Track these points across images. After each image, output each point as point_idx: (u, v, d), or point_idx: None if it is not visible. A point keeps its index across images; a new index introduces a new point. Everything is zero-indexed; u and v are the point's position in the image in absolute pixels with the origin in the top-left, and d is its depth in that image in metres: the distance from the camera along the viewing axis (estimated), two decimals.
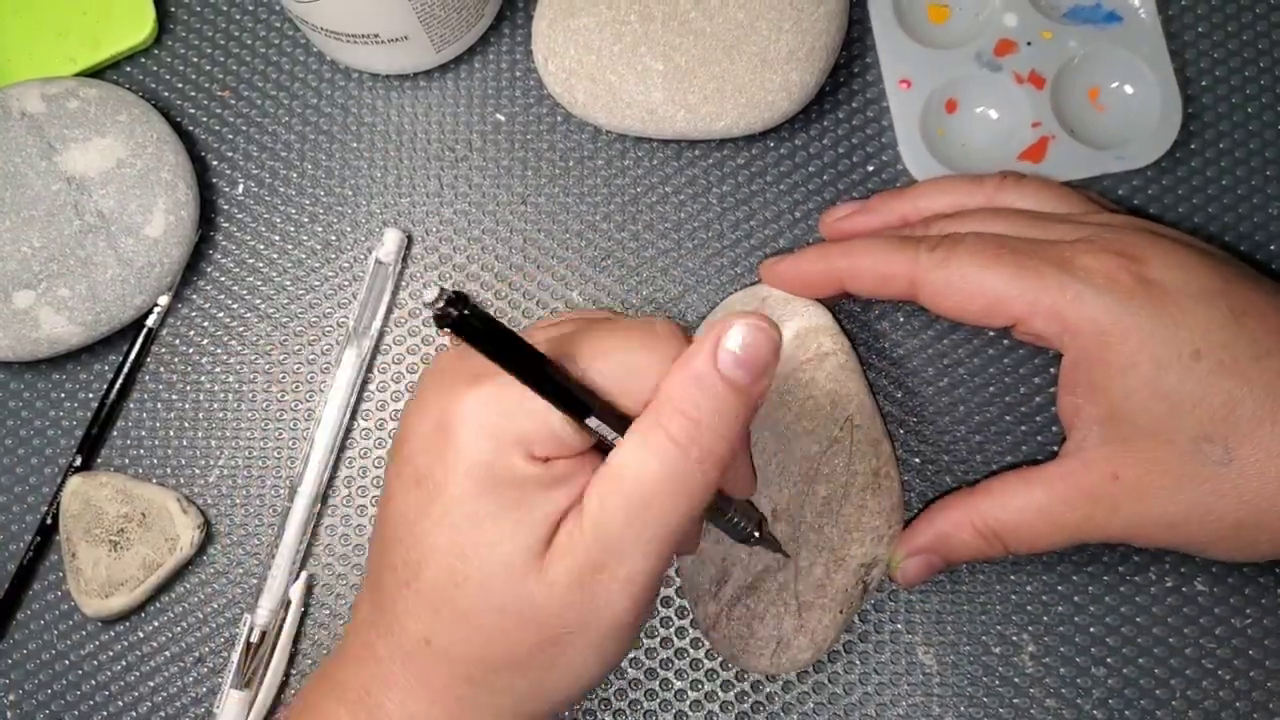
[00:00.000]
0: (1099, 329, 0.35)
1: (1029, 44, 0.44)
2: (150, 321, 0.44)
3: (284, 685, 0.42)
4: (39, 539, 0.43)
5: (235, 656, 0.42)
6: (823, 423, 0.39)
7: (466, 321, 0.26)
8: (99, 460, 0.44)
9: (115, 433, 0.44)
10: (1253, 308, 0.35)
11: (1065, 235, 0.37)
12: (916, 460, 0.43)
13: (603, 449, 0.29)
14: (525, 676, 0.29)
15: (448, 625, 0.29)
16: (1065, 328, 0.35)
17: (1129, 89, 0.44)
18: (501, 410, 0.28)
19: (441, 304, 0.25)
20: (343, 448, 0.44)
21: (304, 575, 0.43)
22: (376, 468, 0.44)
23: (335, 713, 0.30)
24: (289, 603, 0.42)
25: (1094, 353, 0.35)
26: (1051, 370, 0.43)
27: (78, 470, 0.43)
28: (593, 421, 0.28)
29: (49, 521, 0.43)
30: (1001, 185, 0.41)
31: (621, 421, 0.28)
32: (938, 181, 0.42)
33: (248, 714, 0.41)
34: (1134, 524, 0.36)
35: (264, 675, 0.42)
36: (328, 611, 0.43)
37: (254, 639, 0.42)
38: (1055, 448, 0.42)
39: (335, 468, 0.44)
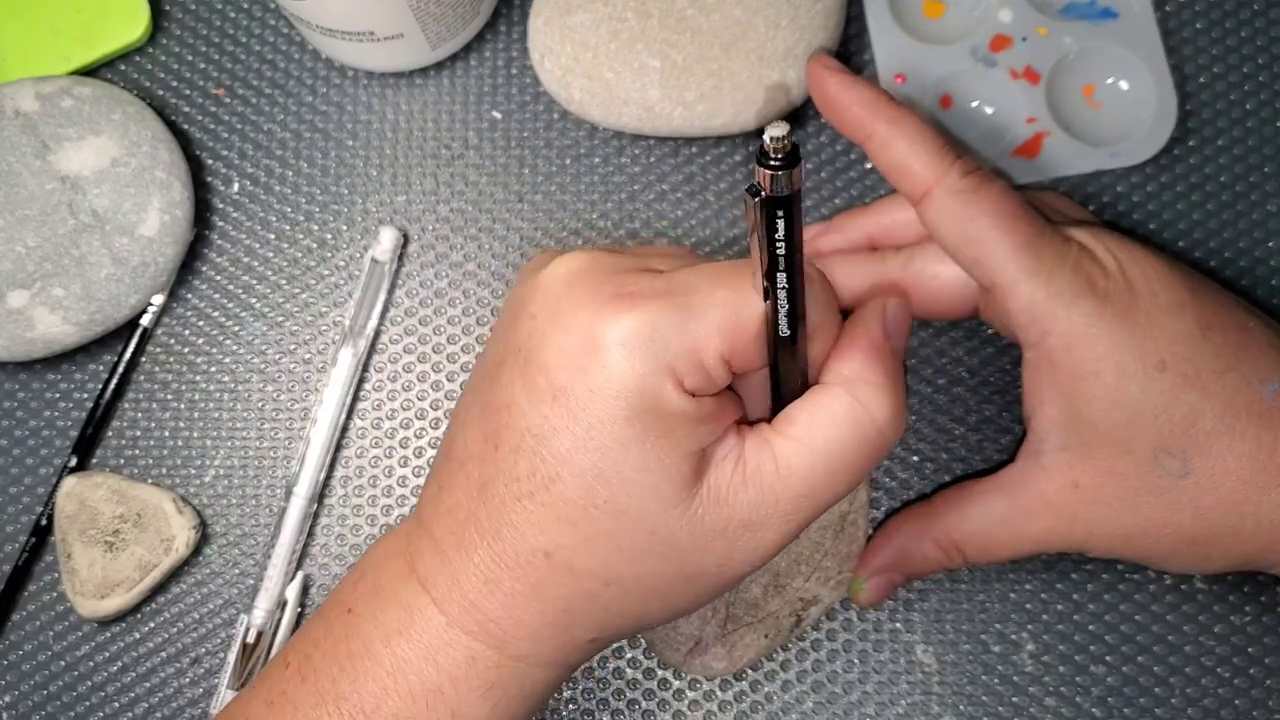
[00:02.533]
0: (1070, 333, 0.35)
1: (1024, 40, 0.44)
2: (145, 321, 0.44)
3: None
4: (33, 540, 0.43)
5: (231, 657, 0.41)
6: None
7: (783, 203, 0.26)
8: (94, 460, 0.44)
9: (110, 433, 0.44)
10: (1217, 321, 0.35)
11: (1065, 229, 0.37)
12: (915, 459, 0.42)
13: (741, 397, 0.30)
14: (638, 600, 0.30)
15: (583, 541, 0.29)
16: (1037, 320, 0.35)
17: (1124, 85, 0.44)
18: (656, 336, 0.28)
19: (778, 160, 0.26)
20: (339, 447, 0.44)
21: (300, 575, 0.43)
22: (373, 467, 0.44)
23: (419, 602, 0.30)
24: (285, 603, 0.42)
25: (1059, 353, 0.35)
26: None
27: (73, 471, 0.43)
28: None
29: (44, 523, 0.43)
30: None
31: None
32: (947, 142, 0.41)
33: None
34: (1093, 534, 0.36)
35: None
36: (312, 603, 0.43)
37: (250, 639, 0.41)
38: None
39: (331, 467, 0.44)
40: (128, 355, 0.44)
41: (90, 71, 0.46)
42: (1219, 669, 0.41)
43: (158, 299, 0.44)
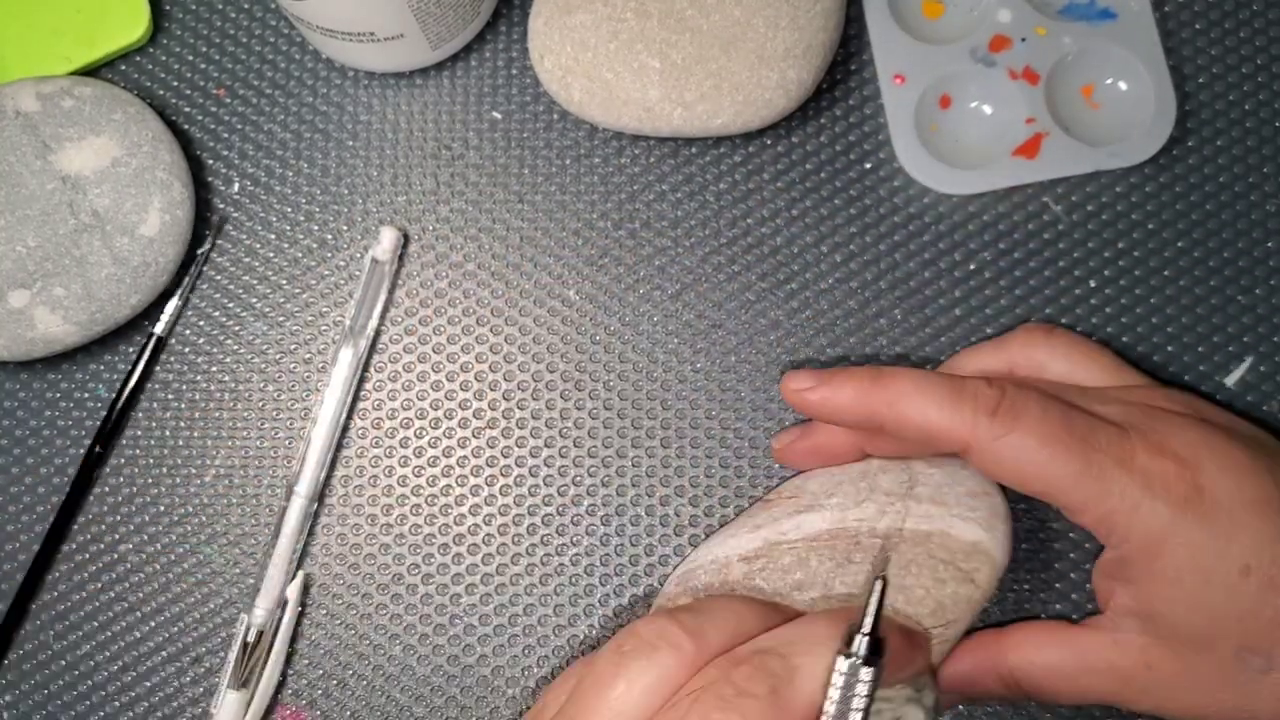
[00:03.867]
0: (1150, 537, 0.34)
1: (1023, 40, 0.44)
2: (159, 330, 0.44)
3: (281, 685, 0.42)
4: (51, 530, 0.43)
5: (232, 656, 0.41)
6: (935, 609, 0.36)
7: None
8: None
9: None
10: None
11: (1112, 415, 0.36)
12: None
13: None
14: None
15: None
16: (1114, 530, 0.34)
17: (1123, 86, 0.44)
18: None
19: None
20: (339, 447, 0.44)
21: (301, 575, 0.43)
22: (374, 467, 0.44)
23: None
24: (285, 602, 0.42)
25: (1141, 559, 0.34)
26: None
27: (95, 466, 0.43)
28: None
29: (47, 523, 0.43)
30: (1029, 341, 0.39)
31: None
32: (956, 358, 0.40)
33: (245, 714, 0.41)
34: (1164, 708, 0.35)
35: (261, 675, 0.41)
36: (324, 611, 0.43)
37: (250, 639, 0.41)
38: None
39: (332, 467, 0.44)
40: (142, 364, 0.44)
41: (91, 72, 0.46)
42: None
43: (171, 304, 0.44)
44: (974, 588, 0.36)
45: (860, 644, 0.30)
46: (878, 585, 0.32)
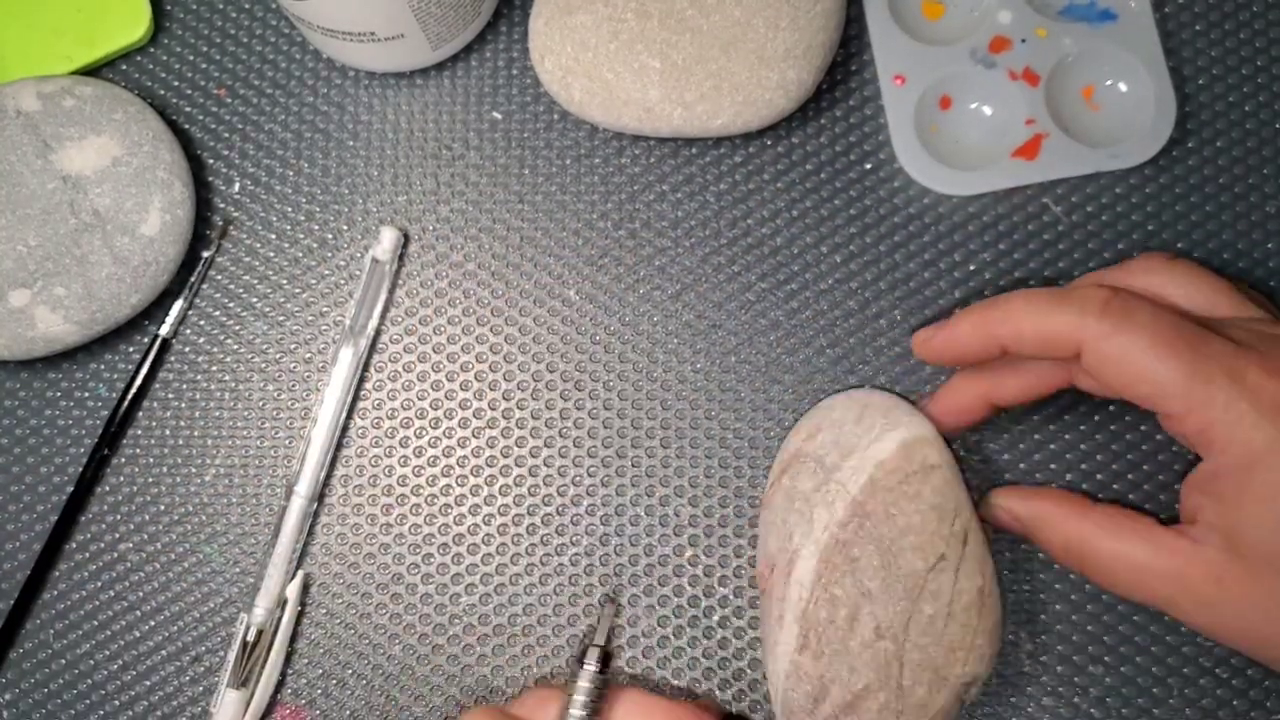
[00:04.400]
0: (1250, 453, 0.34)
1: (1023, 41, 0.44)
2: (164, 331, 0.44)
3: (280, 684, 0.42)
4: (47, 542, 0.43)
5: (231, 656, 0.41)
6: (929, 538, 0.37)
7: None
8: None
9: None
10: None
11: (1229, 333, 0.36)
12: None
13: None
14: None
15: None
16: (1214, 441, 0.34)
17: (1123, 87, 0.44)
18: None
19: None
20: (339, 446, 0.44)
21: (300, 574, 0.43)
22: (374, 467, 0.44)
23: None
24: (285, 602, 0.42)
25: (1236, 473, 0.34)
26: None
27: (103, 463, 0.43)
28: None
29: (50, 523, 0.43)
30: (1150, 268, 0.39)
31: None
32: (1076, 282, 0.39)
33: (244, 713, 0.41)
34: (1221, 625, 0.35)
35: (260, 674, 0.42)
36: (324, 610, 0.43)
37: (250, 638, 0.41)
38: None
39: (331, 466, 0.44)
40: (147, 365, 0.44)
41: (92, 71, 0.46)
42: (1217, 669, 0.41)
43: (176, 306, 0.44)
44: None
45: (592, 655, 0.39)
46: (610, 607, 0.41)
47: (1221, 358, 0.34)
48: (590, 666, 0.38)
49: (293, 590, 0.42)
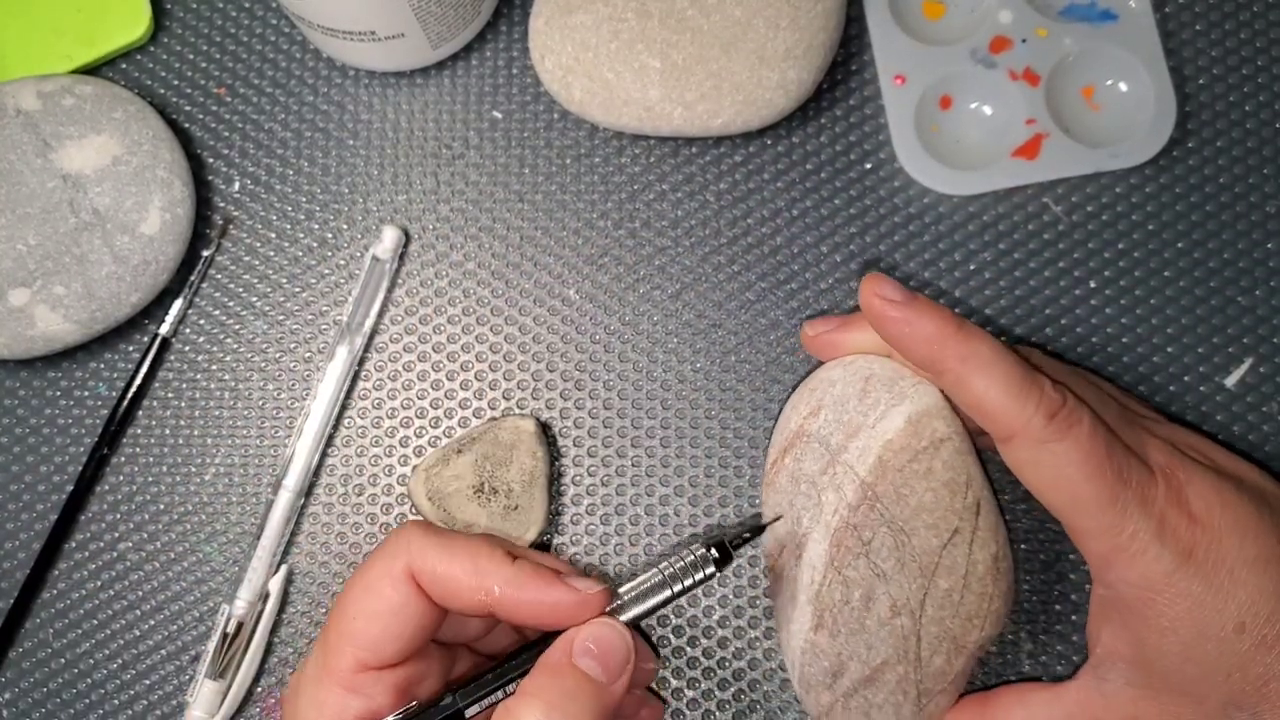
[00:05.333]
0: (1149, 584, 0.34)
1: (1024, 41, 0.44)
2: (164, 330, 0.44)
3: (259, 675, 0.42)
4: (55, 528, 0.43)
5: (211, 646, 0.42)
6: (943, 514, 0.37)
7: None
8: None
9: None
10: None
11: (1147, 449, 0.36)
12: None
13: None
14: None
15: None
16: (1113, 566, 0.34)
17: (1124, 87, 0.44)
18: None
19: None
20: (340, 444, 0.44)
21: (284, 568, 0.43)
22: (373, 465, 0.44)
23: None
24: (268, 595, 0.42)
25: (1133, 603, 0.35)
26: None
27: (102, 462, 0.43)
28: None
29: (51, 522, 0.43)
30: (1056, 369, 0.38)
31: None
32: (1027, 380, 0.36)
33: (221, 703, 0.41)
34: None
35: (239, 666, 0.42)
36: (309, 600, 0.43)
37: (230, 629, 0.42)
38: None
39: (322, 462, 0.44)
40: (147, 364, 0.44)
41: (92, 70, 0.46)
42: None
43: (176, 305, 0.44)
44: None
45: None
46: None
47: (1139, 485, 0.34)
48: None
49: (275, 584, 0.42)
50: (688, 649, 0.42)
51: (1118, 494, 0.34)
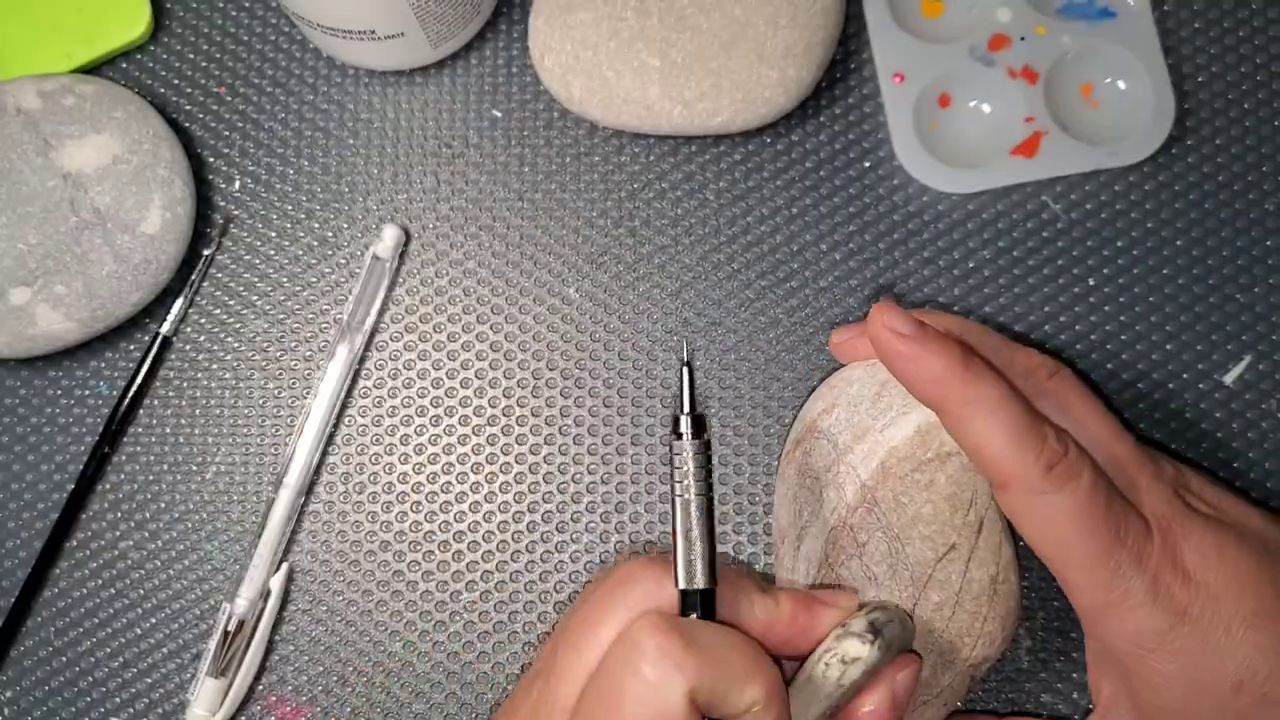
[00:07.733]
0: (1140, 643, 0.34)
1: (1022, 39, 0.44)
2: (165, 329, 0.44)
3: (260, 673, 0.42)
4: (56, 527, 0.43)
5: (212, 645, 0.42)
6: (940, 528, 0.36)
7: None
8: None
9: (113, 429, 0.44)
10: None
11: (1145, 504, 0.35)
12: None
13: None
14: None
15: None
16: (1102, 622, 0.34)
17: (1122, 85, 0.44)
18: None
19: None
20: (335, 442, 0.44)
21: (285, 566, 0.43)
22: (374, 464, 0.44)
23: None
24: (269, 593, 0.42)
25: (1128, 661, 0.34)
26: None
27: (104, 460, 0.43)
28: None
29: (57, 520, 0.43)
30: (1063, 405, 0.38)
31: None
32: (1031, 425, 0.35)
33: (222, 702, 0.41)
34: None
35: (241, 664, 0.42)
36: (325, 608, 0.43)
37: (231, 628, 0.42)
38: None
39: (322, 460, 0.44)
40: (148, 363, 0.44)
41: (92, 69, 0.46)
42: None
43: (177, 304, 0.44)
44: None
45: (685, 423, 0.34)
46: (685, 371, 0.35)
47: (1134, 543, 0.34)
48: (687, 436, 0.34)
49: (277, 582, 0.42)
50: None
51: (1112, 551, 0.33)
